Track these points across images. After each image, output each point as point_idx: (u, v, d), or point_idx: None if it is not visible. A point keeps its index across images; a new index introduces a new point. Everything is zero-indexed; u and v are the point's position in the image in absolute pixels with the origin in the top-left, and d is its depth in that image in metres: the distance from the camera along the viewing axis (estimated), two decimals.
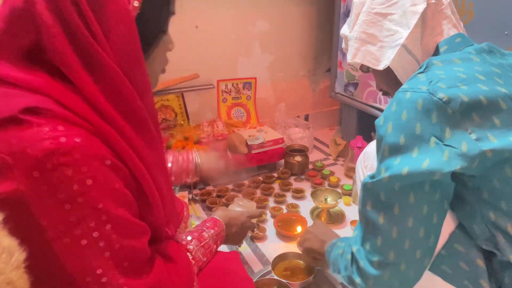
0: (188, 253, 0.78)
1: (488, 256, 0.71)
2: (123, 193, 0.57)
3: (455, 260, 0.71)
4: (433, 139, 0.64)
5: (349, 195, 1.70)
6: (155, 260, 0.67)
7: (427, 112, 0.64)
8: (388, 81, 0.85)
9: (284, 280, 1.13)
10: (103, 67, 0.54)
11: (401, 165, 0.65)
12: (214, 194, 1.69)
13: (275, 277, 1.16)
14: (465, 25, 0.85)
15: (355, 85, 1.96)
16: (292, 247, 1.36)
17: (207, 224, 0.90)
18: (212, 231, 0.88)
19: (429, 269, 0.73)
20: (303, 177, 1.88)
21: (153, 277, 0.63)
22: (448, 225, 0.73)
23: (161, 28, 0.64)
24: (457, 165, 0.62)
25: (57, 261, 0.51)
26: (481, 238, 0.69)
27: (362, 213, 0.74)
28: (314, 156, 2.14)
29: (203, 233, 0.86)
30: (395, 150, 0.67)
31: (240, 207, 1.23)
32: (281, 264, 1.24)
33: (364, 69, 0.89)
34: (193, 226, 1.49)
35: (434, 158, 0.63)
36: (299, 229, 1.46)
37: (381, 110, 1.82)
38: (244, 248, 1.39)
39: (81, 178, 0.50)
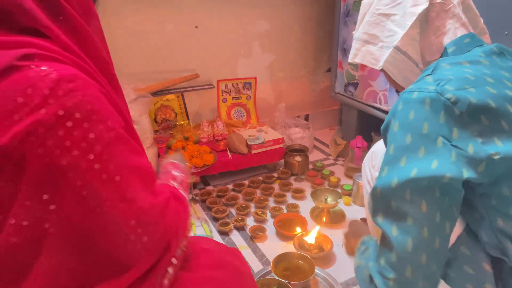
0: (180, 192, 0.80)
1: (497, 260, 0.69)
2: (119, 118, 0.60)
3: (459, 264, 0.69)
4: (440, 139, 0.63)
5: (349, 195, 1.70)
6: (160, 187, 0.69)
7: (435, 112, 0.64)
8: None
9: (284, 280, 1.13)
10: (71, 20, 0.59)
11: (409, 167, 0.64)
12: (214, 194, 1.69)
13: (275, 277, 1.16)
14: None
15: (355, 85, 1.96)
16: (292, 247, 1.36)
17: (170, 167, 0.91)
18: (178, 170, 0.89)
19: None
20: (303, 177, 1.88)
21: (164, 199, 0.65)
22: (456, 228, 0.71)
23: None
24: (462, 167, 0.61)
25: (86, 180, 0.53)
26: (489, 245, 0.68)
27: (374, 223, 0.71)
28: (314, 156, 2.14)
29: (173, 172, 0.86)
30: (401, 149, 0.66)
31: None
32: (281, 264, 1.24)
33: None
34: (193, 225, 1.49)
35: (442, 160, 0.62)
36: (298, 229, 1.46)
37: (381, 110, 1.82)
38: (244, 248, 1.39)
39: (90, 99, 0.54)
